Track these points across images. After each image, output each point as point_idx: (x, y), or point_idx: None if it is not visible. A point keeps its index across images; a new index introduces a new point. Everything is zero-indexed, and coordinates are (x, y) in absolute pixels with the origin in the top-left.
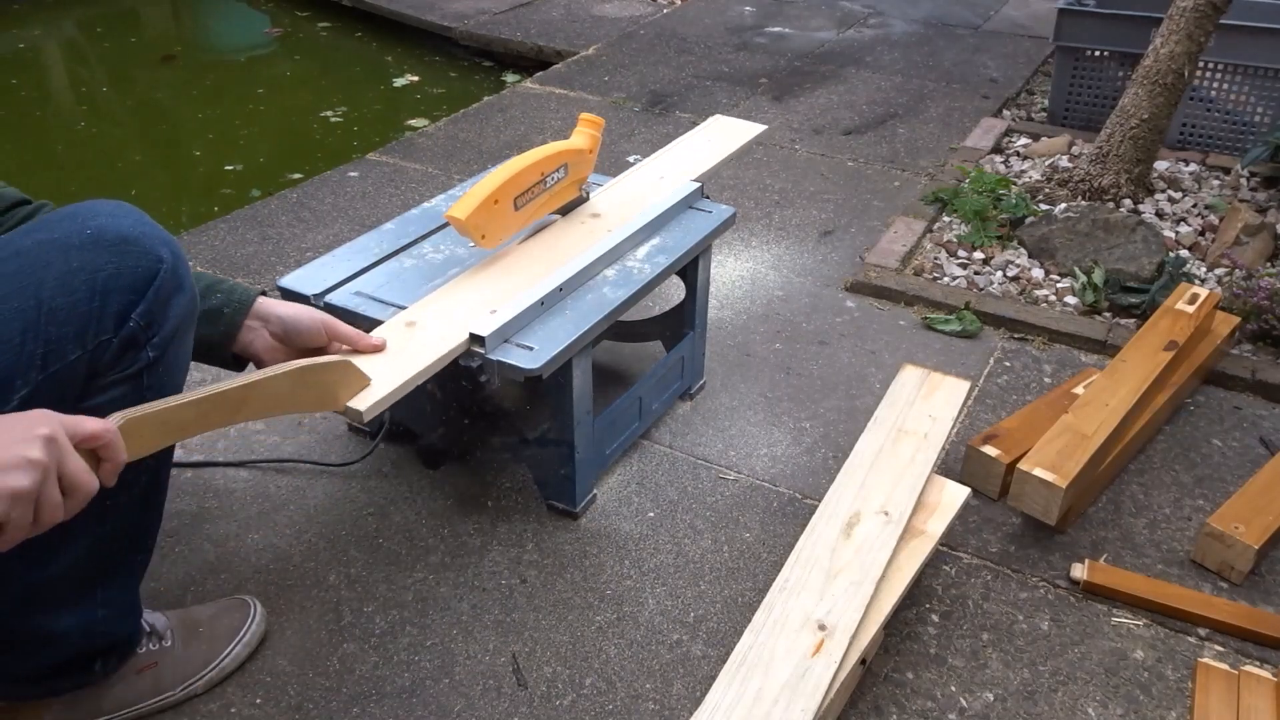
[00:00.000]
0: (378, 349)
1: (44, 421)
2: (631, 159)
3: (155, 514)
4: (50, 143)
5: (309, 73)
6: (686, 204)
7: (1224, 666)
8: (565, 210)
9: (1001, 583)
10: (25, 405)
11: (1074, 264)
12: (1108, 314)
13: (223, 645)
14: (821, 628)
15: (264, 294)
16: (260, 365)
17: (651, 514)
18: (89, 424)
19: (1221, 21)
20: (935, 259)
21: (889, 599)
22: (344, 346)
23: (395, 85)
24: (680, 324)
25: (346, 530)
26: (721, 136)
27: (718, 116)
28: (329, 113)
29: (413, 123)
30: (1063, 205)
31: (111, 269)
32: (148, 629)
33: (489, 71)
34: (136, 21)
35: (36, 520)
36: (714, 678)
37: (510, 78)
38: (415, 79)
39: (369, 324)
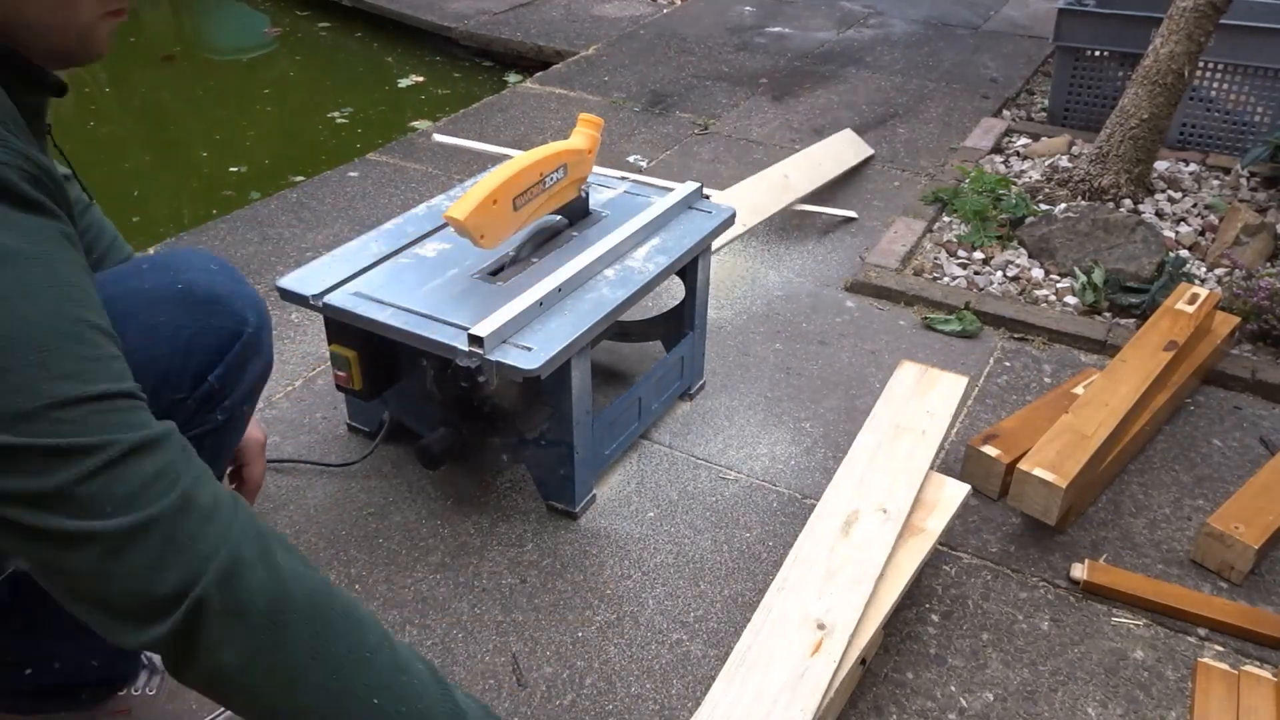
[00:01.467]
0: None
1: None
2: (631, 159)
3: None
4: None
5: (311, 74)
6: (686, 204)
7: (1224, 666)
8: (564, 210)
9: (1001, 583)
10: None
11: (1074, 264)
12: (1108, 314)
13: (207, 710)
14: (821, 627)
15: None
16: None
17: (651, 514)
18: None
19: (1221, 21)
20: (935, 259)
21: (889, 597)
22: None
23: (400, 86)
24: (680, 324)
25: (346, 530)
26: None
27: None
28: (335, 113)
29: (417, 124)
30: (1063, 205)
31: (196, 327)
32: (146, 663)
33: (491, 72)
34: (136, 21)
35: None
36: (714, 678)
37: (512, 78)
38: (420, 79)
39: (370, 324)
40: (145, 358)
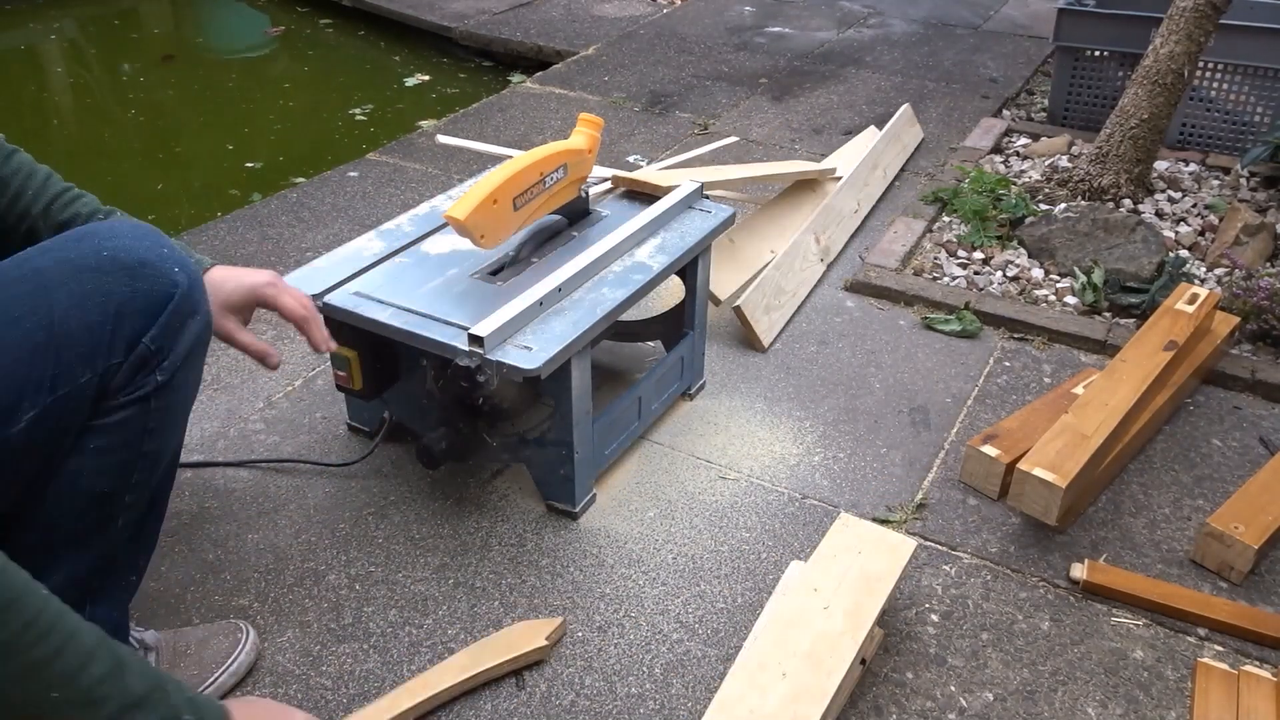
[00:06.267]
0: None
1: None
2: (631, 159)
3: (151, 537)
4: (48, 142)
5: (313, 74)
6: (686, 204)
7: (1224, 666)
8: (565, 210)
9: (1001, 583)
10: (32, 426)
11: (1074, 264)
12: (1107, 314)
13: (209, 672)
14: None
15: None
16: None
17: (651, 514)
18: None
19: (1221, 21)
20: (935, 259)
21: (878, 599)
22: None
23: (407, 85)
24: (680, 324)
25: (346, 530)
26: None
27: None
28: (356, 110)
29: (424, 123)
30: (1062, 205)
31: (126, 292)
32: (136, 645)
33: (494, 72)
34: (136, 20)
35: None
36: (714, 678)
37: (515, 78)
38: (426, 79)
39: (370, 324)
40: (79, 325)
